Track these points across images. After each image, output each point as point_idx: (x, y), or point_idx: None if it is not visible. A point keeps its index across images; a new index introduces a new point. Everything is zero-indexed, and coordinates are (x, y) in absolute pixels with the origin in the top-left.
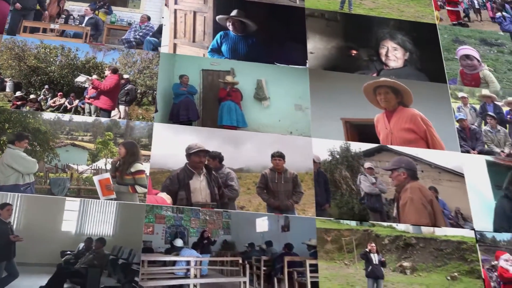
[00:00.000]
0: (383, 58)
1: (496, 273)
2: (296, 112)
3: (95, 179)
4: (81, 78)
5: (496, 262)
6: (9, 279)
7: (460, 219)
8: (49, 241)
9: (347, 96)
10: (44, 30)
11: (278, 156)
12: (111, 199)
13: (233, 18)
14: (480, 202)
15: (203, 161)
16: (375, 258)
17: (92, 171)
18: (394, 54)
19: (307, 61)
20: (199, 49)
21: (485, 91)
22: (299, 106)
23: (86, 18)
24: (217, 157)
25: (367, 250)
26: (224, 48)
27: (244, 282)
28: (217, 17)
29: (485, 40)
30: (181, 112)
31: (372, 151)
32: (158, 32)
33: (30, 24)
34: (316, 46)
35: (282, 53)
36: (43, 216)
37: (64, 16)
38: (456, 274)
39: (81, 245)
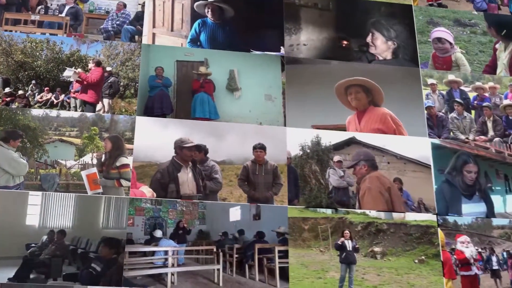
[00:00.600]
0: (372, 49)
1: (455, 256)
2: (266, 102)
3: (83, 174)
4: (68, 73)
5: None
6: None
7: (423, 209)
8: (15, 235)
9: (322, 86)
10: (26, 22)
11: (259, 148)
12: (98, 193)
13: (212, 4)
14: None
15: (193, 155)
16: (349, 244)
17: (80, 166)
18: (382, 44)
19: (281, 47)
20: (177, 38)
21: (451, 76)
22: (269, 96)
23: (67, 8)
24: (203, 150)
25: (341, 241)
26: (202, 37)
27: (218, 270)
28: (195, 4)
29: (459, 21)
30: (155, 105)
31: (342, 144)
32: (135, 19)
33: (12, 16)
34: (310, 37)
35: (258, 39)
36: (7, 211)
37: (43, 6)
38: (423, 257)
39: (44, 237)
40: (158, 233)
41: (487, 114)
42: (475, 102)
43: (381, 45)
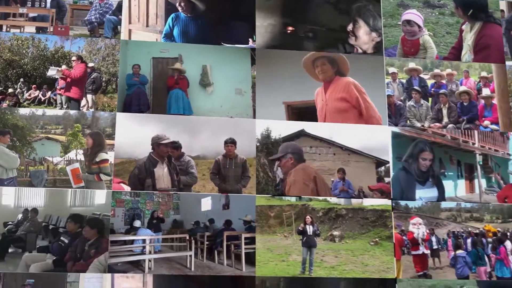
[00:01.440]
0: (352, 39)
1: (406, 236)
2: (236, 97)
3: (68, 169)
4: (51, 71)
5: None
6: None
7: (362, 197)
8: None
9: (291, 75)
10: (14, 15)
11: (230, 143)
12: (81, 187)
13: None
14: None
15: (169, 151)
16: (310, 229)
17: (65, 162)
18: (364, 35)
19: (250, 39)
20: (152, 33)
21: (411, 65)
22: (239, 90)
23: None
24: (180, 147)
25: (301, 226)
26: (176, 31)
27: (190, 256)
28: None
29: (428, 2)
30: (133, 103)
31: (291, 136)
32: (118, 9)
33: (1, 10)
34: (275, 27)
35: (229, 32)
36: None
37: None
38: (377, 239)
39: (20, 216)
40: (137, 223)
41: (443, 101)
42: (433, 89)
43: (364, 36)
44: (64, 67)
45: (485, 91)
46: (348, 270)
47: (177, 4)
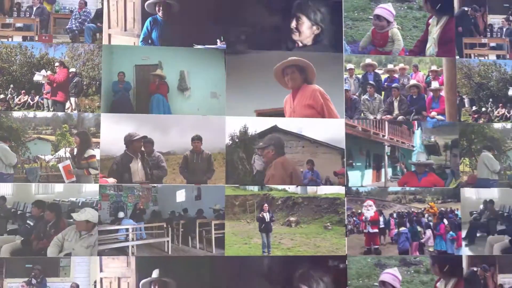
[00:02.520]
0: (296, 35)
1: (355, 218)
2: (211, 100)
3: (60, 166)
4: (37, 77)
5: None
6: None
7: (328, 185)
8: None
9: (262, 75)
10: (3, 26)
11: (196, 139)
12: (73, 182)
13: (161, 2)
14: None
15: (141, 145)
16: (267, 216)
17: (56, 159)
18: (307, 30)
19: (218, 40)
20: (130, 37)
21: (367, 60)
22: (214, 93)
23: (34, 9)
24: (150, 142)
25: (261, 214)
26: (154, 34)
27: (167, 241)
28: (146, 4)
29: None
30: (119, 107)
31: (266, 132)
32: (95, 17)
33: None
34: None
35: (200, 34)
36: None
37: (15, 9)
38: (328, 224)
39: None
40: (121, 214)
41: (394, 95)
42: (386, 83)
43: (306, 31)
44: (49, 72)
45: (434, 84)
46: (302, 251)
47: (156, 9)
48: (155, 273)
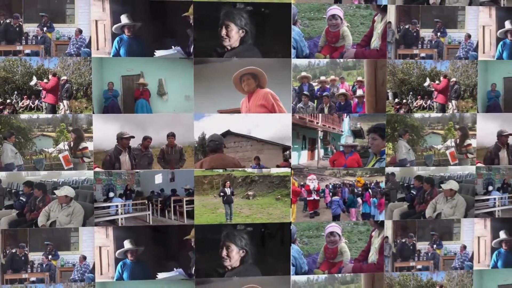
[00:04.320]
0: (226, 41)
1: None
2: (185, 102)
3: (60, 156)
4: (33, 82)
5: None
6: None
7: None
8: None
9: (224, 81)
10: (15, 53)
11: (171, 136)
12: (71, 169)
13: (126, 25)
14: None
15: (129, 142)
16: (228, 191)
17: (57, 151)
18: (235, 34)
19: (173, 46)
20: (102, 55)
21: (303, 73)
22: (187, 96)
23: (39, 38)
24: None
25: (222, 190)
26: (122, 51)
27: (149, 214)
28: (113, 28)
29: None
30: (109, 112)
31: (223, 135)
32: (90, 43)
33: (4, 48)
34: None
35: (162, 45)
36: None
37: (23, 38)
38: (279, 196)
39: None
40: (111, 194)
41: (325, 102)
42: (318, 93)
43: (235, 35)
44: (40, 81)
45: (359, 92)
46: (258, 218)
47: (123, 31)
48: (126, 243)
